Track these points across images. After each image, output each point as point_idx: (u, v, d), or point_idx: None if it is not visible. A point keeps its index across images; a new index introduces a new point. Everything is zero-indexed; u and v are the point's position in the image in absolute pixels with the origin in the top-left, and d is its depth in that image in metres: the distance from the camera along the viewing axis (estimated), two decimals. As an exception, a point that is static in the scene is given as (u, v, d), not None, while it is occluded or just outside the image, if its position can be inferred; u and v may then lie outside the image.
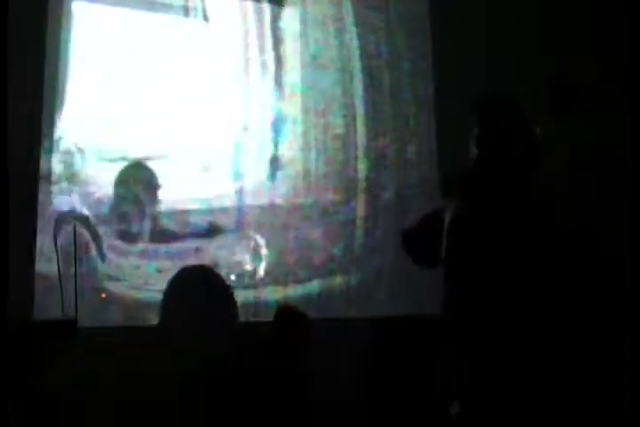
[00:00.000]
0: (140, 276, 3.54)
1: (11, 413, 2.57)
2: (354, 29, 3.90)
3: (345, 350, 3.42)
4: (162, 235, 3.64)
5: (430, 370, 3.52)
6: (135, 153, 3.74)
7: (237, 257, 3.71)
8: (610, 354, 2.33)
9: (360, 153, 3.84)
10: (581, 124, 3.59)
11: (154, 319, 2.98)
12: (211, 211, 3.74)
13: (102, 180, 3.74)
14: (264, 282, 3.67)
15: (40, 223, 3.68)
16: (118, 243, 3.57)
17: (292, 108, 3.85)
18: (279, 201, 3.77)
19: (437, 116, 3.88)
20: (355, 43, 3.89)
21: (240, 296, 3.57)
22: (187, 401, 2.57)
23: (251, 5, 3.88)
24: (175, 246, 3.67)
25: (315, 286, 3.68)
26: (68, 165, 3.76)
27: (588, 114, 3.64)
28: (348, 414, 3.30)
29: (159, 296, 2.92)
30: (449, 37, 3.85)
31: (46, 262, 3.55)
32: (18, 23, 3.31)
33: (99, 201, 3.72)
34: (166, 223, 3.67)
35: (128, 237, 3.59)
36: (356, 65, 3.87)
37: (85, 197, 3.67)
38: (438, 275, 2.44)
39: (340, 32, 3.89)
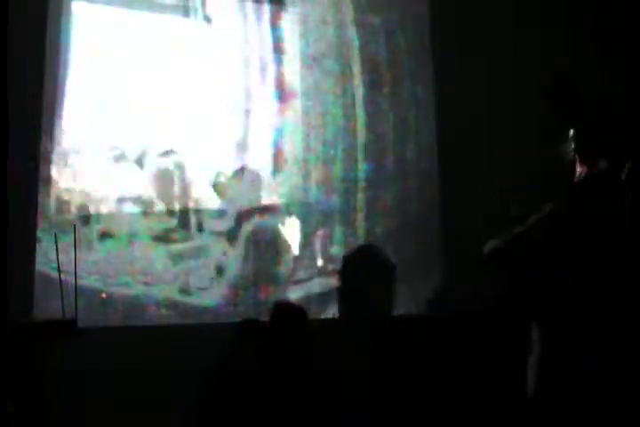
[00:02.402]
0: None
1: (11, 413, 2.57)
2: (354, 29, 3.90)
3: (345, 349, 3.42)
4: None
5: (430, 370, 3.53)
6: (134, 152, 3.74)
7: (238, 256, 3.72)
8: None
9: (360, 153, 3.84)
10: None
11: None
12: (209, 211, 3.74)
13: (102, 179, 3.75)
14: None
15: (40, 223, 3.69)
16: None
17: (292, 108, 3.85)
18: (279, 201, 3.77)
19: (437, 117, 3.88)
20: (355, 43, 3.89)
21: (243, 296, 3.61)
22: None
23: (251, 5, 3.88)
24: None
25: (315, 285, 3.68)
26: (69, 164, 3.76)
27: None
28: (348, 414, 3.30)
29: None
30: (449, 37, 3.85)
31: (46, 262, 3.56)
32: (18, 23, 3.32)
33: (99, 200, 3.73)
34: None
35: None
36: (356, 65, 3.87)
37: (86, 196, 3.68)
38: (437, 275, 2.44)
39: (340, 32, 3.89)
